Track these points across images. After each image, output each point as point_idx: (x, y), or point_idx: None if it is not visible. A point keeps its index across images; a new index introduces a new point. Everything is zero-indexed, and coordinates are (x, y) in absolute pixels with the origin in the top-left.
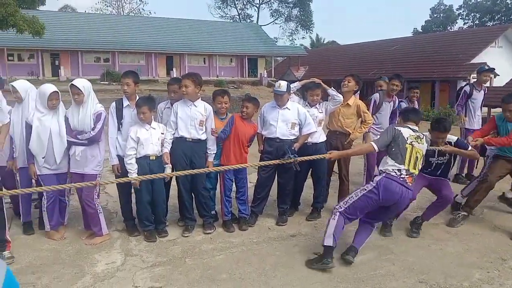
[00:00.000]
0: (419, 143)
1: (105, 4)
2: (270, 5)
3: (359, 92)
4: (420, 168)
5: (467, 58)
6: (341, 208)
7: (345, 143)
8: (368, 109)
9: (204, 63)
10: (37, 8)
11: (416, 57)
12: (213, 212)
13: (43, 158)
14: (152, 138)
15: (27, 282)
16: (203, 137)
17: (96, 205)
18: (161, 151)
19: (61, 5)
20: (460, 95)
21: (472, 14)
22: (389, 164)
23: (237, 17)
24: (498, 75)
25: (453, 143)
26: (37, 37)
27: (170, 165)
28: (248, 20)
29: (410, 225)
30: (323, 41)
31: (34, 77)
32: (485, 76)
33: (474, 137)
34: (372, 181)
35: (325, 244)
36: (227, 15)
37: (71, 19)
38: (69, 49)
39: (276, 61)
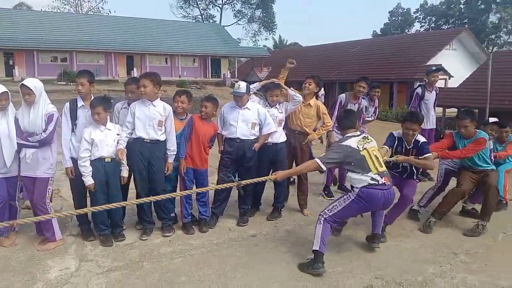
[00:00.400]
0: (369, 143)
1: (63, 2)
2: (233, 5)
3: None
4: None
5: (423, 60)
6: (326, 215)
7: (303, 143)
8: (334, 109)
9: (166, 63)
10: None
11: (375, 59)
12: (172, 214)
13: None
14: (108, 140)
15: None
16: (162, 137)
17: (49, 209)
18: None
19: (16, 2)
20: (413, 97)
21: (428, 17)
22: (361, 179)
23: (200, 17)
24: (452, 77)
25: (419, 142)
26: None
27: (127, 167)
28: (211, 21)
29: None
30: (286, 42)
31: None
32: (433, 76)
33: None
34: (353, 190)
35: (314, 249)
36: (189, 15)
37: (26, 17)
38: (24, 48)
39: (240, 61)
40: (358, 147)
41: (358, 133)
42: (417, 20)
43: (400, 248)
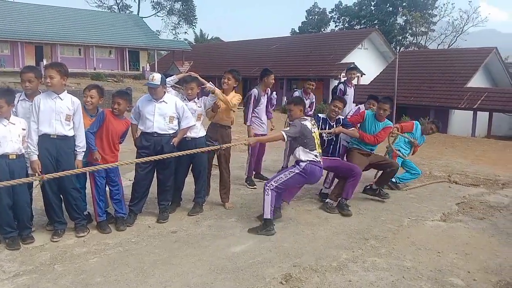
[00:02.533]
0: (316, 128)
1: None
2: None
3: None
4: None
5: (338, 58)
6: (272, 186)
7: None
8: (248, 104)
9: (80, 54)
10: None
11: (293, 56)
12: (85, 213)
13: None
14: (12, 135)
15: None
16: (70, 133)
17: None
18: (23, 149)
19: None
20: (337, 93)
21: (342, 17)
22: (308, 153)
23: (115, 7)
24: (364, 74)
25: (341, 119)
26: None
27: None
28: (127, 11)
29: (340, 209)
30: (207, 36)
31: None
32: (350, 74)
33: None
34: (298, 165)
35: (265, 217)
36: (104, 5)
37: None
38: None
39: (160, 54)
40: (311, 128)
41: (310, 118)
42: (332, 20)
43: (316, 235)
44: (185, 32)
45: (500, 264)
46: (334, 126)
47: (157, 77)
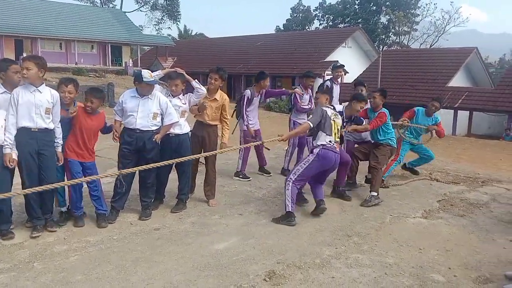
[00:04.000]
0: (338, 119)
1: None
2: None
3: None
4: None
5: (322, 56)
6: (292, 178)
7: (220, 150)
8: (242, 104)
9: (61, 49)
10: None
11: (279, 53)
12: (63, 209)
13: None
14: None
15: None
16: (50, 126)
17: None
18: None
19: None
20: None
21: (326, 16)
22: (323, 138)
23: (98, 1)
24: (348, 73)
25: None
26: None
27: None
28: (110, 5)
29: (339, 196)
30: (191, 32)
31: None
32: (337, 72)
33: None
34: (312, 153)
35: (287, 210)
36: None
37: None
38: None
39: (143, 50)
40: (330, 115)
41: (333, 107)
42: (316, 18)
43: (299, 232)
44: (169, 28)
45: (479, 260)
46: (348, 122)
47: (153, 74)
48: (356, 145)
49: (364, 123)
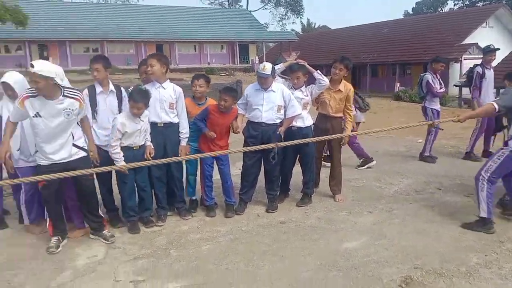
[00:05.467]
0: None
1: None
2: None
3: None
4: None
5: (458, 39)
6: (486, 175)
7: (341, 143)
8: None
9: (195, 51)
10: None
11: (407, 39)
12: (194, 197)
13: (18, 150)
14: (141, 131)
15: (2, 280)
16: (175, 120)
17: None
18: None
19: None
20: (474, 77)
21: None
22: None
23: (226, 3)
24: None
25: None
26: (21, 27)
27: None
28: (237, 6)
29: (502, 207)
30: (314, 25)
31: (22, 69)
32: (490, 56)
33: None
34: (507, 145)
35: (481, 216)
36: (215, 1)
37: (58, 8)
38: (56, 39)
39: (268, 47)
40: None
41: None
42: None
43: (440, 234)
44: (293, 23)
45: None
46: None
47: (268, 66)
48: None
49: None
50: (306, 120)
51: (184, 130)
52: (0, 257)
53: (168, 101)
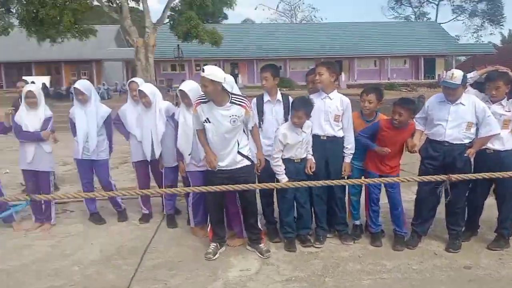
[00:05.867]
0: None
1: (279, 15)
2: (451, 1)
3: None
4: None
5: None
6: None
7: None
8: None
9: (375, 66)
10: (221, 22)
11: None
12: (358, 222)
13: (189, 155)
14: (302, 143)
15: (160, 279)
16: (339, 134)
17: (238, 205)
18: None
19: (243, 18)
20: None
21: None
22: None
23: (412, 16)
24: None
25: None
26: (215, 46)
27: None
28: (425, 19)
29: None
30: None
31: None
32: None
33: None
34: None
35: None
36: (401, 16)
37: (248, 30)
38: (245, 58)
39: (458, 61)
40: None
41: None
42: None
43: None
44: (491, 34)
45: None
46: None
47: (457, 74)
48: None
49: None
50: (507, 142)
51: (350, 146)
52: (166, 255)
53: (333, 113)
